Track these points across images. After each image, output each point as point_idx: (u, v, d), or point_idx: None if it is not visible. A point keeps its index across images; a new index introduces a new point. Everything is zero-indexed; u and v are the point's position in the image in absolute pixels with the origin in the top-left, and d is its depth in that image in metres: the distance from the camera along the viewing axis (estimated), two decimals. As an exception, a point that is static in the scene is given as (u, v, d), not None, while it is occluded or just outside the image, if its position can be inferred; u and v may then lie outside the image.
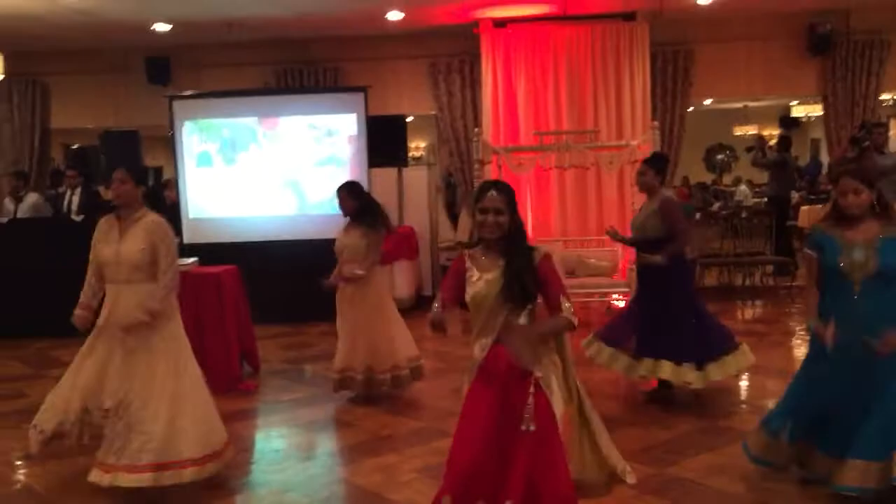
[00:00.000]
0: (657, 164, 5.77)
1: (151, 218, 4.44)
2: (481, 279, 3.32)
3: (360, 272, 5.92)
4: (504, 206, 3.27)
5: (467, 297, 3.33)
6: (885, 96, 11.21)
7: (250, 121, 9.58)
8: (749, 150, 14.96)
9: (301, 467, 4.79)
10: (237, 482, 4.56)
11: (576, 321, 3.32)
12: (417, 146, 19.84)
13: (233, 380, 6.54)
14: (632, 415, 5.54)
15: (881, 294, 3.80)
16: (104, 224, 4.53)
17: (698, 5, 9.51)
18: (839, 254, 3.85)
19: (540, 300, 3.38)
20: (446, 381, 6.58)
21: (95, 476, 4.21)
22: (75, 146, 14.65)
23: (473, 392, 3.34)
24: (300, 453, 5.09)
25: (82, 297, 4.53)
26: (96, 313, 4.51)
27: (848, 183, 3.84)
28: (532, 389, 3.25)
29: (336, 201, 6.12)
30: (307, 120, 9.57)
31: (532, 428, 3.21)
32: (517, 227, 3.35)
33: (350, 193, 6.11)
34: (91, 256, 4.53)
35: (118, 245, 4.35)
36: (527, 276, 3.27)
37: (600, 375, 6.36)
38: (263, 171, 9.59)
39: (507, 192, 3.31)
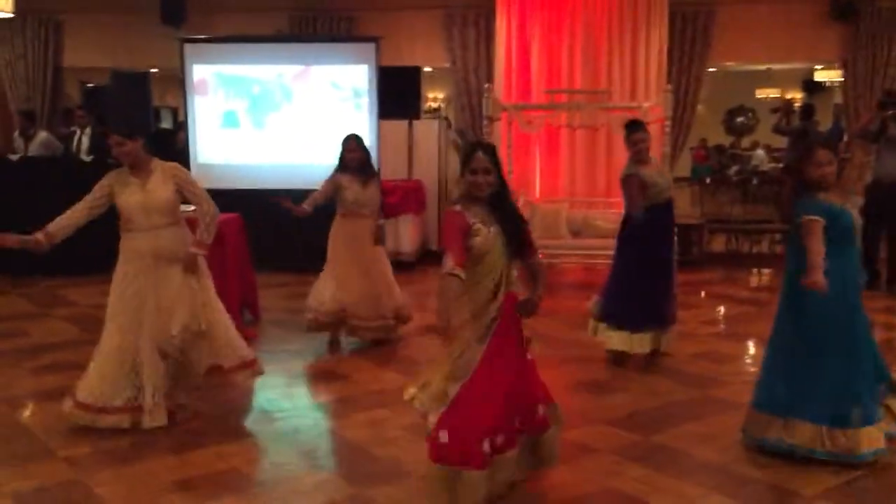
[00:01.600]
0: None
1: (166, 165, 4.71)
2: (490, 232, 3.44)
3: (382, 222, 6.34)
4: (491, 166, 3.45)
5: (475, 249, 3.42)
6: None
7: (269, 70, 9.51)
8: (774, 111, 14.76)
9: (290, 419, 4.86)
10: (226, 431, 4.64)
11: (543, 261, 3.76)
12: (435, 97, 19.71)
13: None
14: (622, 381, 5.56)
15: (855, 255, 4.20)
16: (119, 176, 4.66)
17: (720, -35, 9.31)
18: (851, 215, 4.10)
19: None
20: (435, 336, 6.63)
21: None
22: (90, 85, 14.64)
23: (495, 346, 3.47)
24: (292, 404, 5.15)
25: (51, 226, 4.50)
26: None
27: (824, 154, 4.08)
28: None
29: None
30: (323, 72, 9.49)
31: (530, 356, 3.72)
32: (503, 184, 3.52)
33: (360, 144, 6.28)
34: (92, 196, 4.60)
35: (143, 194, 4.57)
36: (523, 231, 3.54)
37: (596, 339, 6.40)
38: (277, 121, 9.56)
39: (492, 153, 3.49)
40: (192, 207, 6.83)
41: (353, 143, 6.21)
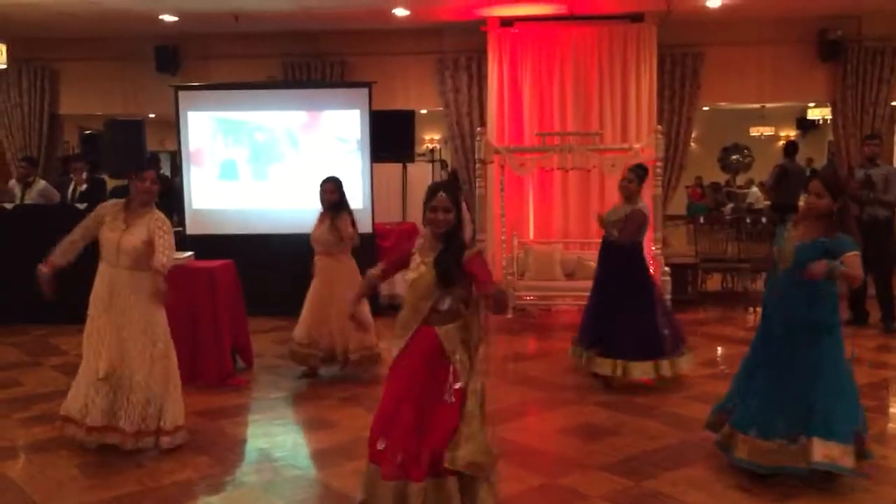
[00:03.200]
0: (643, 174, 6.31)
1: (158, 215, 4.90)
2: (421, 263, 3.66)
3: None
4: (451, 205, 3.63)
5: (406, 279, 3.70)
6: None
7: (262, 116, 9.60)
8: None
9: (281, 468, 4.81)
10: (217, 481, 4.59)
11: (501, 287, 3.80)
12: (432, 138, 19.87)
13: (224, 375, 6.58)
14: (615, 424, 5.51)
15: (793, 285, 4.24)
16: (112, 208, 4.91)
17: (707, 8, 9.42)
18: (777, 244, 4.38)
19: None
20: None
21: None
22: (89, 132, 14.75)
23: (397, 365, 3.75)
24: (281, 453, 5.10)
25: (54, 259, 4.82)
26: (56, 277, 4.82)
27: (815, 185, 4.22)
28: (451, 367, 3.65)
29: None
30: (316, 117, 9.57)
31: (451, 400, 3.64)
32: (459, 222, 3.69)
33: (337, 187, 6.63)
34: (84, 225, 4.90)
35: (121, 234, 4.77)
36: (452, 263, 3.59)
37: (590, 382, 6.38)
38: (270, 167, 9.62)
39: (453, 193, 3.69)
40: (187, 254, 6.92)
41: (329, 185, 6.61)
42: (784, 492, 4.30)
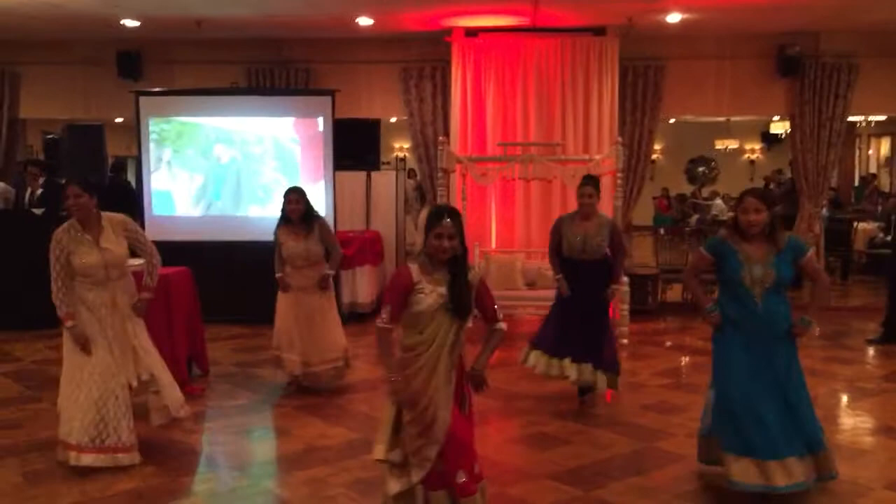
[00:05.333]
0: (598, 186, 6.17)
1: (115, 219, 4.90)
2: (434, 292, 3.53)
3: (330, 272, 6.44)
4: (456, 232, 3.54)
5: (418, 308, 3.51)
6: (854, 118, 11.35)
7: (224, 122, 9.55)
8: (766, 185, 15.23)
9: (230, 477, 4.78)
10: (163, 491, 4.54)
11: (505, 327, 3.72)
12: (401, 146, 19.91)
13: (178, 383, 6.45)
14: (567, 434, 5.54)
15: (774, 299, 4.27)
16: (66, 234, 4.78)
17: (668, 23, 9.54)
18: (741, 269, 4.25)
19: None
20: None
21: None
22: (51, 136, 14.59)
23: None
24: (232, 462, 5.07)
25: (65, 308, 4.75)
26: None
27: (751, 202, 4.23)
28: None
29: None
30: (279, 124, 9.54)
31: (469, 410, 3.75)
32: (464, 249, 3.62)
33: (301, 197, 6.39)
34: (60, 267, 4.75)
35: (99, 252, 4.73)
36: (468, 294, 3.58)
37: (545, 391, 6.41)
38: (230, 173, 9.57)
39: (458, 219, 3.59)
40: (141, 260, 6.85)
41: (293, 196, 6.35)
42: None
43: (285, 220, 6.38)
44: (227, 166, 9.56)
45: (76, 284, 4.77)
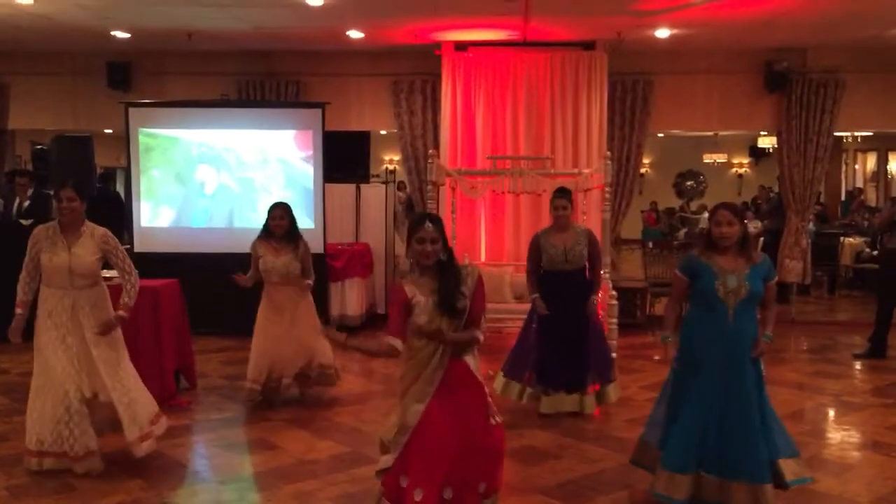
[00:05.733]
0: (571, 198, 6.35)
1: (98, 230, 4.90)
2: (429, 302, 3.57)
3: (309, 283, 6.39)
4: (438, 236, 3.59)
5: (419, 321, 3.55)
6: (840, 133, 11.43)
7: (213, 134, 9.54)
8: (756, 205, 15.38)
9: (215, 491, 4.76)
10: (147, 503, 4.52)
11: (482, 338, 3.69)
12: (391, 159, 19.93)
13: (166, 396, 6.47)
14: (556, 448, 5.54)
15: (746, 315, 4.26)
16: (45, 232, 4.86)
17: (657, 38, 9.60)
18: (715, 280, 4.23)
19: None
20: (381, 404, 6.60)
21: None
22: (40, 146, 14.54)
23: (431, 409, 3.57)
24: (218, 476, 5.05)
25: (21, 295, 4.88)
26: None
27: (724, 214, 4.24)
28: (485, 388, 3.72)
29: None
30: (269, 137, 9.56)
31: (498, 420, 3.74)
32: (449, 253, 3.66)
33: (287, 213, 6.38)
34: (29, 259, 4.85)
35: (69, 255, 4.74)
36: (456, 292, 3.58)
37: (532, 405, 6.40)
38: (219, 186, 9.56)
39: (439, 223, 3.65)
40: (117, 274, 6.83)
41: (278, 211, 6.33)
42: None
43: (267, 233, 6.34)
44: (218, 180, 9.56)
45: (42, 289, 4.83)
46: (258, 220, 9.18)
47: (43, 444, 4.75)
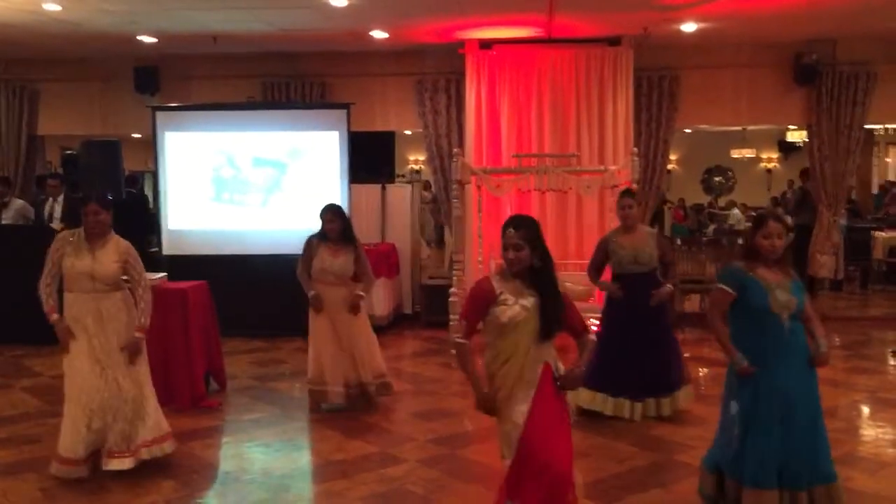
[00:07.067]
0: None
1: (122, 243, 4.94)
2: (517, 303, 3.45)
3: (362, 293, 6.34)
4: (523, 242, 3.43)
5: (503, 320, 3.45)
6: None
7: (240, 137, 9.61)
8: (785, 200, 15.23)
9: (246, 491, 4.77)
10: (180, 503, 4.56)
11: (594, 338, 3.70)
12: (416, 159, 19.96)
13: (196, 397, 6.54)
14: (586, 447, 5.49)
15: (797, 326, 4.07)
16: (69, 237, 4.89)
17: (683, 32, 9.51)
18: (767, 295, 4.01)
19: None
20: (410, 403, 6.60)
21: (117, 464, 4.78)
22: (69, 151, 14.73)
23: (536, 419, 3.45)
24: (249, 476, 5.06)
25: (49, 301, 4.88)
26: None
27: (776, 227, 4.05)
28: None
29: (314, 218, 6.36)
30: (295, 138, 9.61)
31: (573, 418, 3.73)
32: (544, 260, 3.50)
33: (337, 215, 6.32)
34: (53, 264, 4.87)
35: (92, 262, 4.78)
36: (559, 309, 3.50)
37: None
38: (247, 187, 9.62)
39: (525, 228, 3.49)
40: (160, 275, 6.89)
41: (329, 215, 6.28)
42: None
43: (323, 237, 6.28)
44: (244, 181, 9.63)
45: (66, 296, 4.87)
46: (285, 221, 9.35)
47: (71, 454, 4.79)
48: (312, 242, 6.32)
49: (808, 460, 4.04)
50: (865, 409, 6.67)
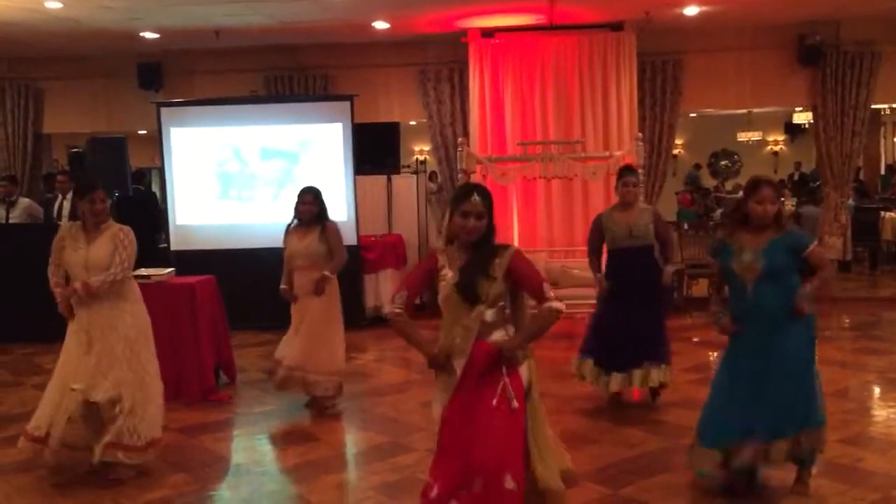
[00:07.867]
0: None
1: (118, 227, 4.87)
2: (451, 276, 3.30)
3: (327, 273, 5.99)
4: (485, 210, 3.28)
5: (441, 295, 3.31)
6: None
7: (244, 131, 9.61)
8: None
9: (258, 482, 4.80)
10: (194, 498, 4.58)
11: (562, 307, 3.29)
12: (421, 150, 19.93)
13: (206, 391, 6.57)
14: (596, 433, 5.52)
15: (766, 288, 4.12)
16: (68, 230, 4.89)
17: (685, 16, 9.47)
18: (732, 257, 4.20)
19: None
20: (419, 393, 6.61)
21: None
22: (76, 149, 14.76)
23: (457, 402, 3.30)
24: (260, 468, 5.10)
25: (54, 279, 4.91)
26: None
27: (768, 193, 4.12)
28: (505, 371, 3.29)
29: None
30: (299, 131, 9.61)
31: (516, 405, 3.27)
32: (491, 232, 3.33)
33: (317, 199, 6.09)
34: (55, 255, 4.88)
35: (86, 252, 4.75)
36: (477, 276, 3.24)
37: (572, 390, 6.37)
38: (254, 181, 9.64)
39: (487, 196, 3.33)
40: (167, 271, 6.91)
41: (308, 196, 6.06)
42: (761, 497, 4.31)
43: (296, 222, 6.11)
44: (250, 175, 9.64)
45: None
46: (291, 214, 9.33)
47: (35, 432, 4.82)
48: (287, 230, 6.16)
49: (786, 414, 4.11)
50: (876, 390, 6.67)
